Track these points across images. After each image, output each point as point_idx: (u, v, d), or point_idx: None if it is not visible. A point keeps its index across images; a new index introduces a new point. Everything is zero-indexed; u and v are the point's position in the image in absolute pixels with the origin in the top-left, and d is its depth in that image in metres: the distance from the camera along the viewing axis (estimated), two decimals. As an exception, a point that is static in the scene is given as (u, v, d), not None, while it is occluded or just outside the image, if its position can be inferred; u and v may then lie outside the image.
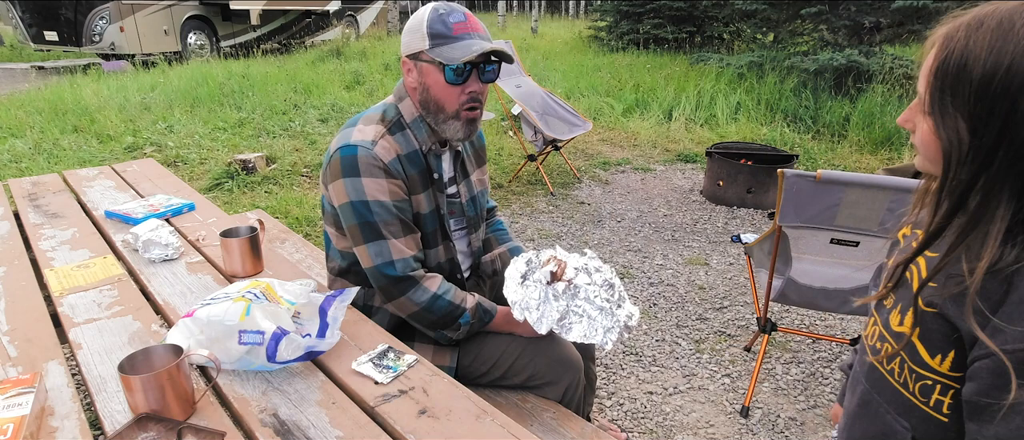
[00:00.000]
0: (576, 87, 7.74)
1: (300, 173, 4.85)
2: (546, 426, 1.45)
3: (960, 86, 0.70)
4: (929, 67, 0.75)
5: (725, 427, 2.22)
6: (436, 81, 1.39)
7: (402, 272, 1.41)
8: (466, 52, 1.35)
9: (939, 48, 0.74)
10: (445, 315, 1.46)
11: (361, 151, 1.38)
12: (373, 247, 1.41)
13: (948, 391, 0.79)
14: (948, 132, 0.73)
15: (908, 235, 0.93)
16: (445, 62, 1.35)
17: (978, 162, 0.71)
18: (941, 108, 0.73)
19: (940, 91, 0.73)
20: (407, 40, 1.41)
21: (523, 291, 1.41)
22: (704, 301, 3.11)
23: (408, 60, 1.42)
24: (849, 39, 6.96)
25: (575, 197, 4.63)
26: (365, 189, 1.38)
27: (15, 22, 10.16)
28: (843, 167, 5.10)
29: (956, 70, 0.71)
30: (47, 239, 1.85)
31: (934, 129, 0.74)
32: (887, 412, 0.88)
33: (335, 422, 1.07)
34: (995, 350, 0.69)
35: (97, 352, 1.27)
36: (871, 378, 0.91)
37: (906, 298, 0.84)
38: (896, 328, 0.84)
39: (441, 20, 1.36)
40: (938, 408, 0.80)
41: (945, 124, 0.73)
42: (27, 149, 5.10)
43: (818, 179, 1.92)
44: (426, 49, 1.37)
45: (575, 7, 24.03)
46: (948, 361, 0.77)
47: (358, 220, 1.40)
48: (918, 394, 0.82)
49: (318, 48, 11.70)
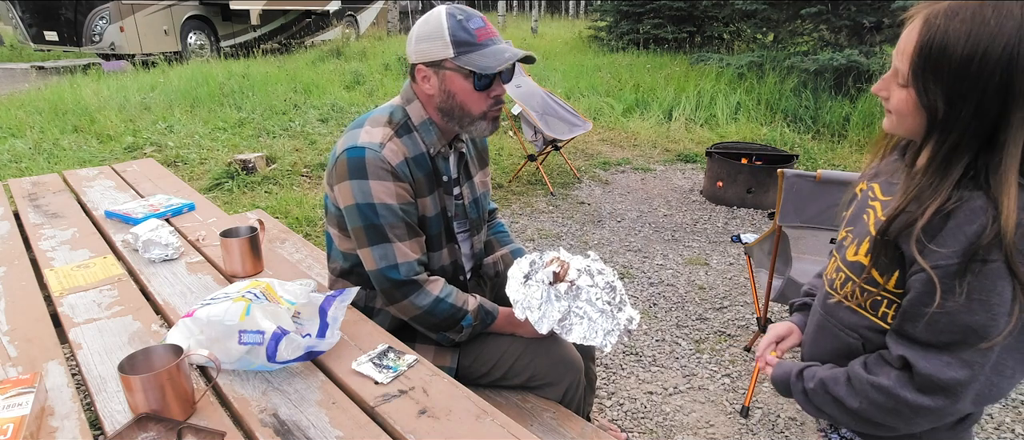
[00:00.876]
0: (576, 87, 7.74)
1: (300, 173, 4.85)
2: (546, 426, 1.45)
3: (941, 67, 0.83)
4: (909, 46, 0.86)
5: (725, 427, 2.22)
6: (462, 88, 1.39)
7: (406, 276, 1.41)
8: (498, 60, 1.35)
9: (920, 31, 0.85)
10: (447, 318, 1.46)
11: (369, 153, 1.38)
12: (378, 250, 1.41)
13: (892, 304, 0.96)
14: (929, 104, 0.87)
15: (864, 189, 1.09)
16: (478, 71, 1.35)
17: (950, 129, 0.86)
18: (923, 83, 0.86)
19: (921, 69, 0.85)
20: (424, 47, 1.38)
21: (525, 291, 1.42)
22: (704, 301, 3.11)
23: (426, 68, 1.39)
24: (849, 39, 6.96)
25: (575, 197, 4.63)
26: (372, 192, 1.38)
27: (15, 22, 10.17)
28: (843, 167, 5.10)
29: (937, 53, 0.83)
30: (47, 239, 1.85)
31: (916, 100, 0.88)
32: (840, 330, 1.05)
33: (335, 422, 1.07)
34: (926, 267, 0.86)
35: (97, 352, 1.27)
36: (826, 306, 1.09)
37: (861, 233, 1.01)
38: (851, 258, 1.01)
39: (462, 27, 1.34)
40: (885, 318, 0.97)
41: (927, 97, 0.86)
42: (27, 149, 5.10)
43: (818, 179, 1.92)
44: (451, 57, 1.35)
45: (575, 7, 24.02)
46: (893, 279, 0.94)
47: (363, 223, 1.40)
48: (869, 308, 0.99)
49: (318, 48, 11.70)
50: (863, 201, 1.07)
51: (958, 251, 0.83)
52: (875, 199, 1.03)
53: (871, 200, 1.04)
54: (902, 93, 0.90)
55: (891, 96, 0.93)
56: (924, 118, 0.89)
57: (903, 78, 0.89)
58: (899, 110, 0.92)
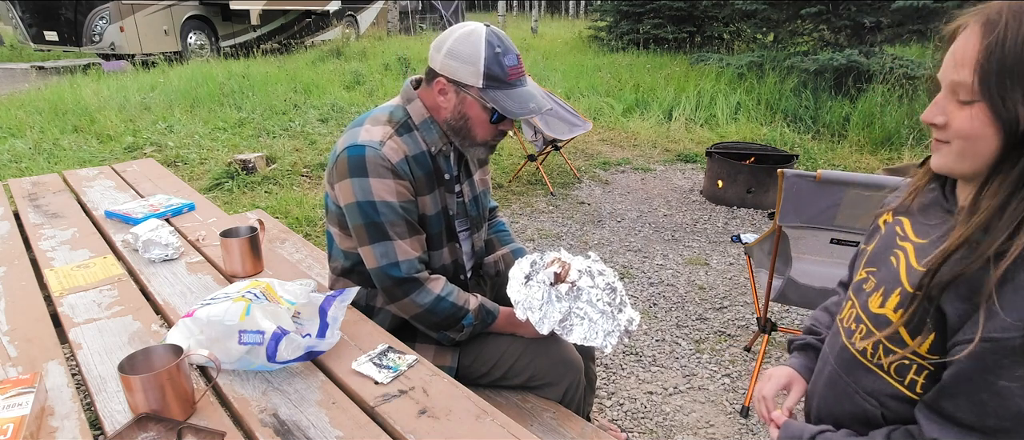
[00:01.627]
0: (576, 87, 7.73)
1: (300, 173, 4.85)
2: (546, 426, 1.45)
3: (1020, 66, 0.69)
4: (971, 52, 0.72)
5: (725, 427, 2.22)
6: (478, 116, 1.41)
7: (407, 273, 1.41)
8: (523, 108, 1.38)
9: (982, 33, 0.72)
10: (448, 317, 1.46)
11: (369, 151, 1.38)
12: (378, 248, 1.41)
13: (923, 371, 0.80)
14: (1009, 113, 0.71)
15: (889, 221, 0.93)
16: (503, 113, 1.38)
17: None
18: (999, 91, 0.70)
19: (997, 74, 0.70)
20: (454, 65, 1.37)
21: (526, 291, 1.42)
22: (704, 301, 3.11)
23: (448, 84, 1.40)
24: (849, 39, 6.96)
25: (575, 197, 4.63)
26: (372, 189, 1.38)
27: (15, 22, 10.17)
28: (843, 167, 5.10)
29: (1013, 48, 0.69)
30: (47, 239, 1.85)
31: (991, 113, 0.72)
32: (856, 392, 0.89)
33: (335, 422, 1.07)
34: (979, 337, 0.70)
35: (97, 352, 1.27)
36: (841, 359, 0.92)
37: (889, 281, 0.84)
38: (876, 310, 0.85)
39: (497, 61, 1.35)
40: (912, 387, 0.82)
41: (1006, 106, 0.71)
42: (27, 149, 5.10)
43: (818, 179, 1.92)
44: (479, 88, 1.37)
45: (575, 7, 24.02)
46: (927, 343, 0.78)
47: (364, 220, 1.40)
48: (893, 373, 0.83)
49: (318, 48, 11.70)
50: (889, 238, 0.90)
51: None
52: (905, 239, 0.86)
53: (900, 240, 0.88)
54: (967, 113, 0.74)
55: (950, 120, 0.76)
56: (1000, 138, 0.72)
57: (967, 92, 0.73)
58: (967, 134, 0.74)
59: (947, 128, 0.77)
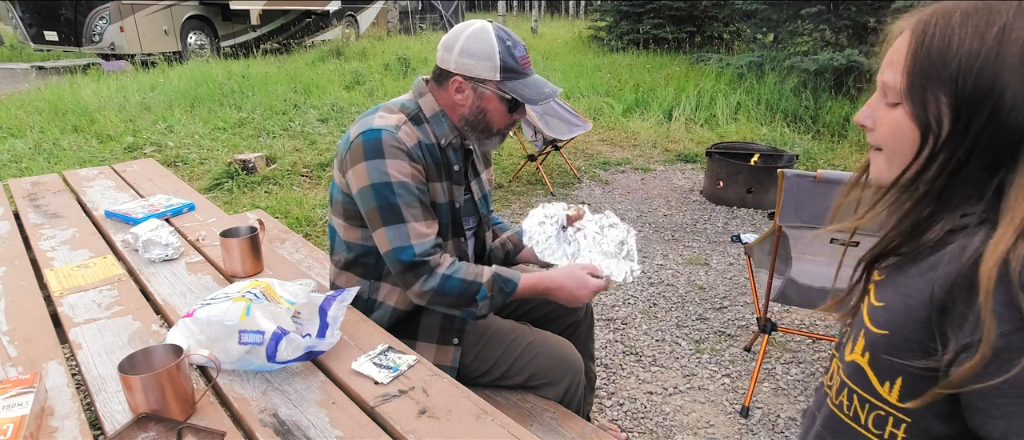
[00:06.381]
0: (576, 87, 7.73)
1: (300, 173, 4.85)
2: (546, 426, 1.46)
3: (944, 65, 0.67)
4: (900, 55, 0.71)
5: (725, 427, 2.22)
6: (497, 108, 1.47)
7: (420, 255, 1.40)
8: (540, 94, 1.46)
9: (912, 35, 0.70)
10: (461, 293, 1.43)
11: (385, 134, 1.40)
12: (391, 230, 1.40)
13: (900, 424, 0.72)
14: (929, 115, 0.69)
15: None
16: (522, 100, 1.45)
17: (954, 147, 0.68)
18: (920, 92, 0.69)
19: (921, 73, 0.69)
20: (469, 63, 1.42)
21: (539, 228, 1.65)
22: (704, 301, 3.11)
23: (465, 82, 1.44)
24: (850, 39, 6.96)
25: (575, 197, 4.63)
26: (388, 170, 1.39)
27: (15, 22, 10.16)
28: (843, 167, 5.10)
29: (940, 48, 0.67)
30: (47, 239, 1.85)
31: (912, 113, 0.70)
32: None
33: (335, 422, 1.07)
34: None
35: (97, 352, 1.27)
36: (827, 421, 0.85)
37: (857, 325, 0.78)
38: (848, 358, 0.78)
39: (510, 54, 1.43)
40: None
41: (927, 108, 0.69)
42: (27, 149, 5.10)
43: (818, 179, 1.92)
44: (497, 81, 1.43)
45: (575, 7, 24.02)
46: (896, 389, 0.71)
47: (379, 202, 1.40)
48: (872, 427, 0.76)
49: (318, 48, 11.70)
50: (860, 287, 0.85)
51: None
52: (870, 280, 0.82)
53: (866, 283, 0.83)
54: (892, 115, 0.73)
55: (878, 123, 0.75)
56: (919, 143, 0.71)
57: (895, 94, 0.72)
58: (891, 136, 0.73)
59: (875, 131, 0.76)
